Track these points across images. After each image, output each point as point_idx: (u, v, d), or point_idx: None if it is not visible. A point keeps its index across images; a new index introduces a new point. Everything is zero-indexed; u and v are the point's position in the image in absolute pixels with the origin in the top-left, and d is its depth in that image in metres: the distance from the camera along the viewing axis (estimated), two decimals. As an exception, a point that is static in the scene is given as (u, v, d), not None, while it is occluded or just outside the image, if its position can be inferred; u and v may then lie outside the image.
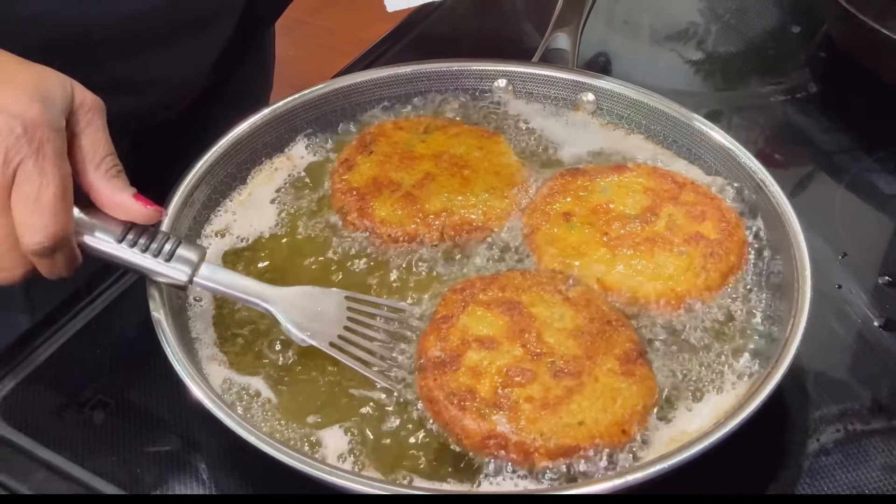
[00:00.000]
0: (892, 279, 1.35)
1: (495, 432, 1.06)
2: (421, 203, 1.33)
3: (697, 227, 1.27)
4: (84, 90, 1.10)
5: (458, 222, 1.31)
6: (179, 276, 1.14)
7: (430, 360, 1.14)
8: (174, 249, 1.14)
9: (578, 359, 1.13)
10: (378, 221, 1.31)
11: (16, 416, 1.17)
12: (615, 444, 1.07)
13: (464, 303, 1.19)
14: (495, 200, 1.34)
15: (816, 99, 1.71)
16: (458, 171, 1.38)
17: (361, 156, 1.40)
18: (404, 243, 1.31)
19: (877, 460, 1.14)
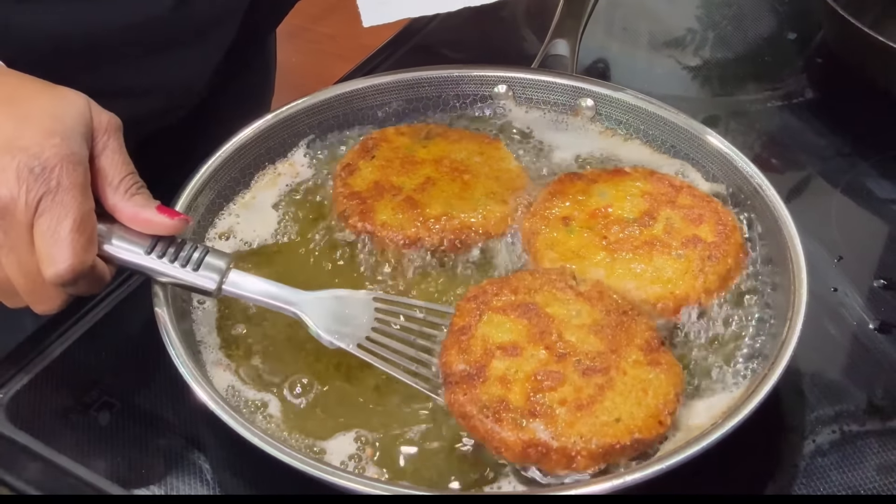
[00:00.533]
0: (888, 282, 1.35)
1: (535, 440, 1.05)
2: (422, 207, 1.33)
3: (695, 230, 1.27)
4: (101, 111, 1.11)
5: (458, 226, 1.31)
6: (208, 285, 1.14)
7: (456, 374, 1.13)
8: (202, 258, 1.14)
9: (603, 354, 1.13)
10: (379, 225, 1.31)
11: (22, 417, 1.18)
12: (653, 436, 1.07)
13: (479, 311, 1.19)
14: (495, 205, 1.34)
15: (812, 104, 1.71)
16: (459, 175, 1.38)
17: (363, 160, 1.40)
18: (405, 247, 1.30)
19: (872, 461, 1.14)
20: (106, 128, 1.10)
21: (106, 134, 1.10)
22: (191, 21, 1.45)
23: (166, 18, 1.40)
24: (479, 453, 1.10)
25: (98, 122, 1.09)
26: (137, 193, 1.12)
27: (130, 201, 1.11)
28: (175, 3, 1.39)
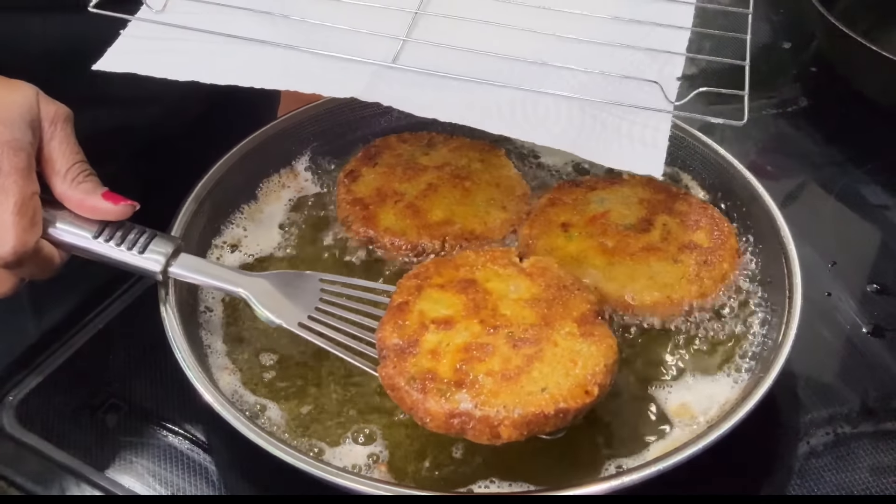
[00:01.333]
0: (881, 287, 1.35)
1: (458, 410, 1.04)
2: (423, 213, 1.33)
3: (691, 236, 1.28)
4: (49, 101, 1.11)
5: (459, 232, 1.31)
6: (153, 267, 1.15)
7: (390, 348, 1.12)
8: (148, 243, 1.15)
9: (536, 326, 1.12)
10: (381, 231, 1.32)
11: (32, 419, 1.18)
12: (578, 405, 1.05)
13: (418, 288, 1.18)
14: (496, 211, 1.35)
15: (807, 113, 1.71)
16: (460, 182, 1.38)
17: (366, 167, 1.41)
18: (407, 252, 1.31)
19: (865, 462, 1.14)
20: (54, 118, 1.10)
21: (54, 124, 1.10)
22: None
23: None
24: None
25: (46, 112, 1.10)
26: (85, 181, 1.12)
27: (78, 188, 1.12)
28: None
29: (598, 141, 1.06)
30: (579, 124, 1.08)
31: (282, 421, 1.13)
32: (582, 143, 1.06)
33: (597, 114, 1.09)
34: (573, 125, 1.08)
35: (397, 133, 1.49)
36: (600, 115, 1.09)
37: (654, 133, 1.07)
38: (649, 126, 1.07)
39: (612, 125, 1.08)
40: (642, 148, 1.06)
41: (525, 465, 1.09)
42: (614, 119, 1.08)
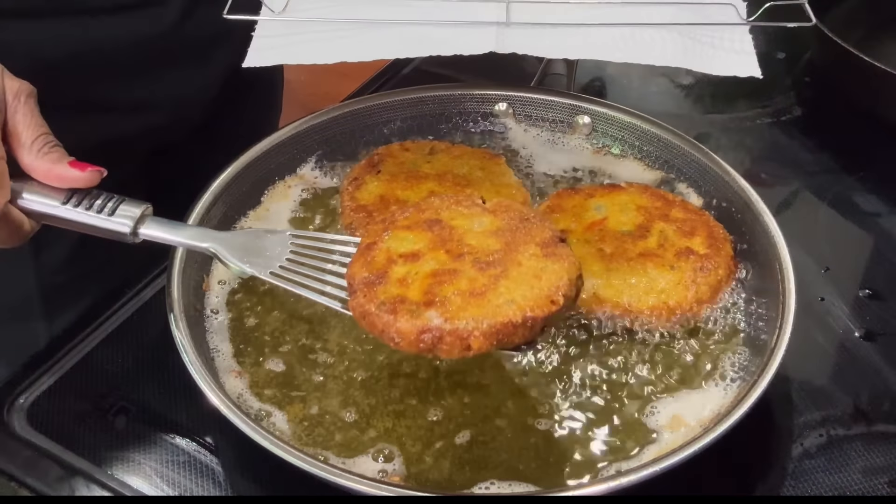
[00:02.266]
0: (873, 292, 1.36)
1: (428, 326, 1.03)
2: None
3: (687, 242, 1.28)
4: (12, 78, 1.11)
5: None
6: (122, 229, 1.13)
7: (359, 282, 1.10)
8: (116, 206, 1.14)
9: (501, 251, 1.11)
10: None
11: (42, 421, 1.18)
12: (545, 314, 1.04)
13: (385, 230, 1.17)
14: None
15: (800, 122, 1.71)
16: (461, 190, 1.37)
17: (369, 175, 1.41)
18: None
19: (857, 464, 1.14)
20: (17, 93, 1.10)
21: (17, 98, 1.10)
22: (191, 40, 1.45)
23: (166, 36, 1.40)
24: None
25: (10, 88, 1.09)
26: (51, 151, 1.12)
27: (44, 159, 1.11)
28: (176, 20, 1.39)
29: (699, 56, 1.23)
30: (681, 46, 1.25)
31: (286, 427, 1.13)
32: (687, 59, 1.23)
33: (692, 35, 1.26)
34: (676, 47, 1.25)
35: (400, 141, 1.49)
36: (696, 36, 1.26)
37: (740, 44, 1.25)
38: (735, 40, 1.25)
39: (707, 42, 1.26)
40: (736, 56, 1.24)
41: (524, 468, 1.09)
42: (707, 38, 1.26)
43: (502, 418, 1.13)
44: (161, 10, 1.39)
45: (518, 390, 1.16)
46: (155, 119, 1.49)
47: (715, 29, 1.25)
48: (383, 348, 1.20)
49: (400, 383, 1.17)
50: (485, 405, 1.15)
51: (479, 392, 1.16)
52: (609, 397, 1.16)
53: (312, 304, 1.24)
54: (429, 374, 1.18)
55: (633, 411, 1.14)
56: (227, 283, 1.29)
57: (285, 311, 1.26)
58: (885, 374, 1.25)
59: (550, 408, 1.15)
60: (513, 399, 1.16)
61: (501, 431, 1.13)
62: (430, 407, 1.15)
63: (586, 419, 1.13)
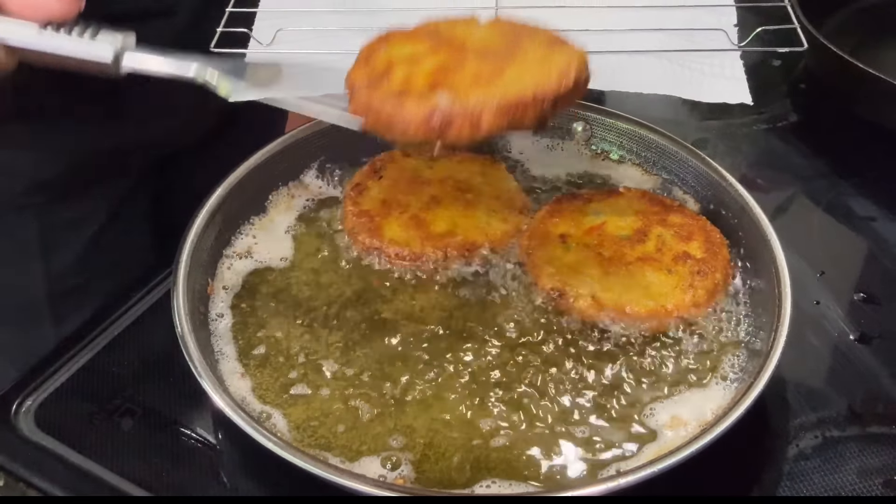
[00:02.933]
0: (867, 296, 1.36)
1: (437, 108, 1.00)
2: (427, 225, 1.34)
3: (685, 247, 1.28)
4: None
5: (461, 242, 1.32)
6: (104, 52, 1.06)
7: (361, 84, 1.06)
8: (97, 31, 1.06)
9: (506, 47, 1.08)
10: (387, 241, 1.32)
11: (49, 423, 1.18)
12: (556, 90, 1.02)
13: (385, 41, 1.12)
14: (497, 222, 1.35)
15: (796, 128, 1.72)
16: (462, 195, 1.38)
17: (372, 180, 1.41)
18: (410, 261, 1.31)
19: (852, 465, 1.14)
20: None
21: None
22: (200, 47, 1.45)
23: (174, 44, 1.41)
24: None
25: None
26: None
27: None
28: (184, 29, 1.40)
29: (689, 83, 1.22)
30: (670, 73, 1.23)
31: (287, 429, 1.13)
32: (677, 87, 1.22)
33: (682, 62, 1.24)
34: (666, 74, 1.23)
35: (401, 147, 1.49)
36: (685, 63, 1.24)
37: (731, 70, 1.23)
38: (725, 66, 1.23)
39: (696, 69, 1.24)
40: (726, 82, 1.22)
41: (524, 468, 1.09)
42: (697, 64, 1.24)
43: (502, 419, 1.14)
44: (170, 20, 1.38)
45: (518, 391, 1.17)
46: (163, 127, 1.49)
47: (705, 55, 1.25)
48: (384, 350, 1.21)
49: (401, 385, 1.18)
50: (485, 405, 1.15)
51: (480, 391, 1.17)
52: (608, 398, 1.16)
53: (314, 308, 1.25)
54: (429, 375, 1.18)
55: (632, 412, 1.14)
56: (230, 288, 1.29)
57: (288, 315, 1.26)
58: (879, 377, 1.25)
59: (551, 409, 1.15)
60: (512, 404, 1.16)
61: (501, 432, 1.13)
62: (432, 408, 1.15)
63: (586, 420, 1.13)
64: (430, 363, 1.20)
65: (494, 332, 1.24)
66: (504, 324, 1.24)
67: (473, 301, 1.28)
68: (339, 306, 1.27)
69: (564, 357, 1.20)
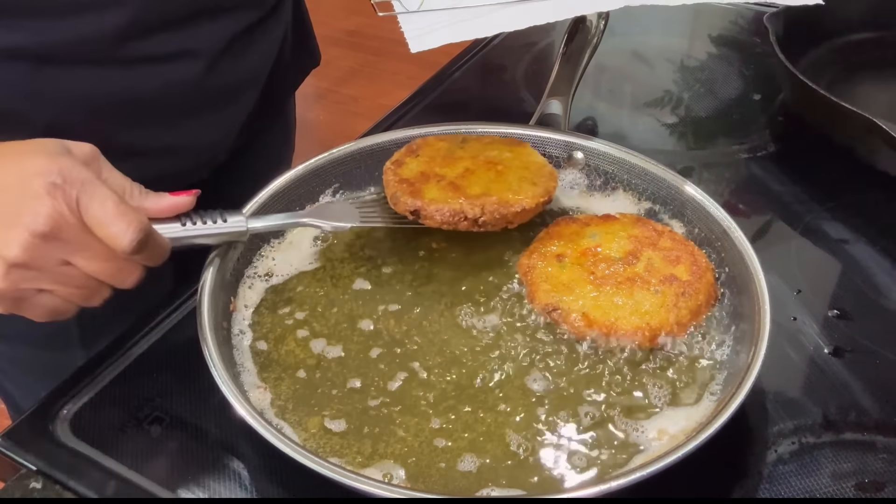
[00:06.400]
0: (840, 312, 1.36)
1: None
2: (463, 189, 1.35)
3: (672, 269, 1.28)
4: (79, 144, 1.10)
5: (496, 201, 1.33)
6: (240, 227, 1.24)
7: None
8: (223, 215, 1.23)
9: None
10: (427, 201, 1.33)
11: (84, 430, 1.19)
12: None
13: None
14: (527, 186, 1.36)
15: (775, 157, 1.72)
16: (493, 167, 1.39)
17: (409, 157, 1.43)
18: (451, 218, 1.33)
19: (827, 469, 1.14)
20: (92, 154, 1.10)
21: (96, 159, 1.11)
22: (218, 87, 1.46)
23: (195, 85, 1.41)
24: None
25: (82, 152, 1.09)
26: (147, 192, 1.15)
27: (148, 199, 1.15)
28: (203, 71, 1.40)
29: None
30: None
31: (299, 440, 1.14)
32: None
33: None
34: None
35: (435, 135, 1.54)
36: None
37: None
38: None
39: None
40: None
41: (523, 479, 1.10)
42: None
43: (500, 437, 1.14)
44: (190, 61, 1.39)
45: (511, 408, 1.17)
46: (181, 162, 1.50)
47: None
48: (396, 366, 1.21)
49: (410, 399, 1.18)
50: (485, 420, 1.16)
51: (480, 407, 1.17)
52: (596, 411, 1.16)
53: (329, 326, 1.25)
54: (438, 392, 1.19)
55: (620, 425, 1.14)
56: (251, 306, 1.30)
57: (305, 333, 1.26)
58: (851, 388, 1.25)
59: (541, 423, 1.15)
60: (508, 416, 1.16)
61: (501, 444, 1.13)
62: (436, 421, 1.16)
63: (573, 431, 1.14)
64: (438, 377, 1.21)
65: (489, 342, 1.25)
66: (499, 335, 1.26)
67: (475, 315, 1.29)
68: (351, 324, 1.27)
69: (555, 369, 1.21)
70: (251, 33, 1.48)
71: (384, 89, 1.42)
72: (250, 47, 1.48)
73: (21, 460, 1.16)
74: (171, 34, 1.35)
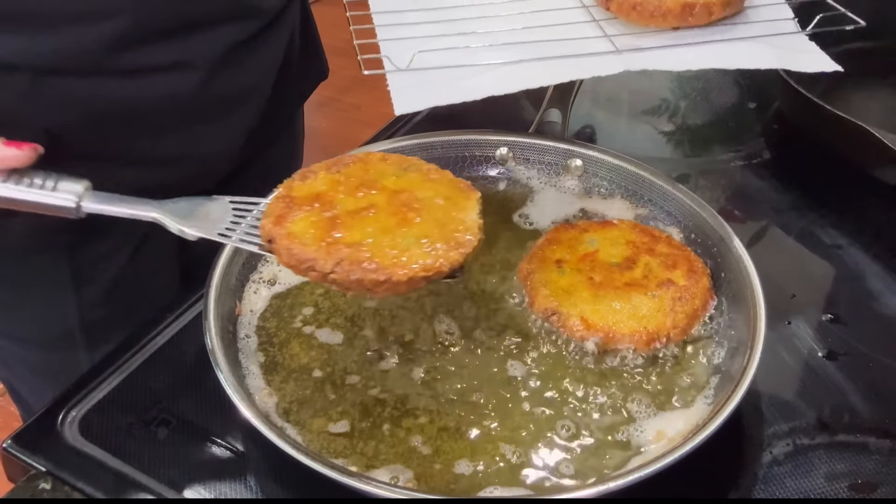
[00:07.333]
0: (834, 316, 1.36)
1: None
2: (338, 229, 1.10)
3: (669, 274, 1.29)
4: None
5: (356, 260, 1.06)
6: (66, 204, 1.11)
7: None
8: (57, 183, 1.11)
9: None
10: (285, 233, 1.10)
11: (93, 432, 1.19)
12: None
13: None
14: (418, 252, 1.07)
15: (770, 164, 1.72)
16: (406, 210, 1.13)
17: (327, 171, 1.21)
18: (297, 265, 1.09)
19: (820, 470, 1.15)
20: None
21: None
22: (218, 98, 1.45)
23: (194, 95, 1.41)
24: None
25: None
26: None
27: None
28: (202, 81, 1.40)
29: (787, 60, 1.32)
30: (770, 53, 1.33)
31: (302, 442, 1.14)
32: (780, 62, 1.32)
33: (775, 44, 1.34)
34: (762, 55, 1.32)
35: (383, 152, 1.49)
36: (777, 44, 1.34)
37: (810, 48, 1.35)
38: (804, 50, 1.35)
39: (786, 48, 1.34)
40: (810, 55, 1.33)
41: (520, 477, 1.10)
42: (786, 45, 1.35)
43: (502, 439, 1.15)
44: (188, 71, 1.39)
45: (513, 411, 1.17)
46: (182, 172, 1.49)
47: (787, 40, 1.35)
48: (400, 368, 1.21)
49: (414, 401, 1.19)
50: (485, 421, 1.16)
51: (481, 408, 1.17)
52: (595, 414, 1.16)
53: (334, 328, 1.25)
54: (440, 394, 1.20)
55: (618, 427, 1.15)
56: (256, 310, 1.30)
57: (309, 337, 1.27)
58: (845, 390, 1.26)
59: (541, 425, 1.16)
60: (510, 419, 1.17)
61: (500, 447, 1.14)
62: (439, 423, 1.16)
63: (571, 433, 1.14)
64: (441, 384, 1.21)
65: (491, 346, 1.25)
66: (500, 337, 1.26)
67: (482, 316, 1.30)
68: (356, 327, 1.28)
69: (554, 373, 1.21)
70: (251, 44, 1.47)
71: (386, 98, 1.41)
72: (250, 58, 1.47)
73: (31, 462, 1.16)
74: (167, 44, 1.35)
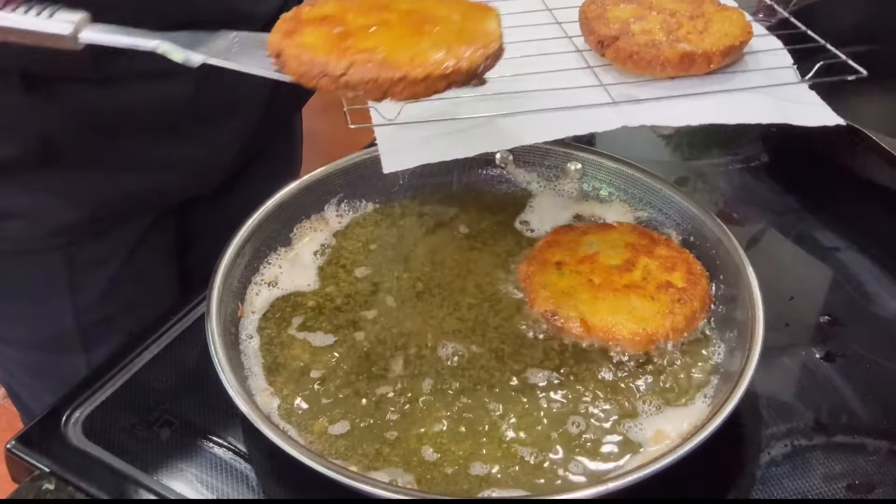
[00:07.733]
0: (832, 318, 1.36)
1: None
2: (348, 39, 1.02)
3: (668, 277, 1.29)
4: None
5: (370, 59, 0.99)
6: (62, 31, 1.02)
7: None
8: (54, 11, 1.03)
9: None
10: (293, 44, 1.04)
11: (96, 433, 1.19)
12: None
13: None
14: (434, 52, 1.00)
15: (768, 167, 1.72)
16: (419, 26, 1.04)
17: None
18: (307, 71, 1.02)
19: (818, 471, 1.15)
20: None
21: None
22: (212, 104, 1.45)
23: (187, 102, 1.41)
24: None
25: None
26: None
27: None
28: (195, 88, 1.40)
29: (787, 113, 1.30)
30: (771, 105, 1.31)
31: (303, 442, 1.14)
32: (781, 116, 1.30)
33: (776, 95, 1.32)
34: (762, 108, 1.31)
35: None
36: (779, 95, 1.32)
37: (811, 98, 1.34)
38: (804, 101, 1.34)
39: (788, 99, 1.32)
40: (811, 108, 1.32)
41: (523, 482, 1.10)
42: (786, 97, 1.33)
43: (502, 439, 1.15)
44: (181, 78, 1.38)
45: (512, 411, 1.17)
46: (179, 177, 1.49)
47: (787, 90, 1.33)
48: (400, 370, 1.22)
49: (415, 402, 1.19)
50: (486, 422, 1.16)
51: (482, 409, 1.17)
52: (594, 414, 1.16)
53: (335, 330, 1.26)
54: (441, 395, 1.19)
55: (618, 427, 1.15)
56: (258, 312, 1.30)
57: (311, 338, 1.27)
58: (842, 392, 1.26)
59: (542, 426, 1.16)
60: (509, 419, 1.17)
61: (501, 446, 1.14)
62: (440, 425, 1.16)
63: (572, 433, 1.14)
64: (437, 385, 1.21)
65: (490, 347, 1.25)
66: (500, 338, 1.26)
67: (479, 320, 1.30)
68: (356, 329, 1.28)
69: (554, 374, 1.21)
70: None
71: (387, 101, 1.42)
72: None
73: (34, 462, 1.16)
74: None
